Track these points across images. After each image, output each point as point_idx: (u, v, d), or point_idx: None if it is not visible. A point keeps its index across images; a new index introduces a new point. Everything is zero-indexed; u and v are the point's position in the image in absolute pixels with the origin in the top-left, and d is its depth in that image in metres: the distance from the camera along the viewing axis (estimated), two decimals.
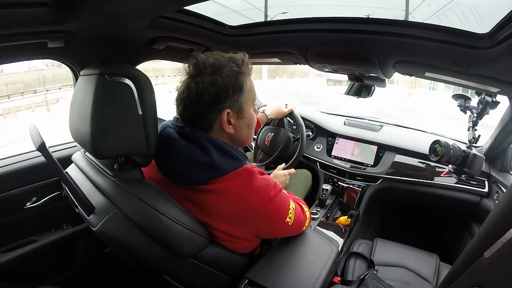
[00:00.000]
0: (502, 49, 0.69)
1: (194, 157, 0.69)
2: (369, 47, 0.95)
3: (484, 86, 0.95)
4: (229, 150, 0.72)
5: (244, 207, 0.71)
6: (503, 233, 0.43)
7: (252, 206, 0.71)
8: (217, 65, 0.70)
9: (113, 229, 0.66)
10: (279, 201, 0.76)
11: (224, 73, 0.70)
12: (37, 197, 1.14)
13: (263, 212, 0.72)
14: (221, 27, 1.09)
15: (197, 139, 0.71)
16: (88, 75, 0.65)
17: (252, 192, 0.71)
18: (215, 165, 0.69)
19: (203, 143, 0.70)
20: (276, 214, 0.76)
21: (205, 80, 0.69)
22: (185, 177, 0.71)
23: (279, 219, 0.78)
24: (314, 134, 1.80)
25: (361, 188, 1.59)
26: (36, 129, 0.67)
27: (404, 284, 1.09)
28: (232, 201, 0.70)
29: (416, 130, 1.75)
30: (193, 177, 0.70)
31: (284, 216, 0.78)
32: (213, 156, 0.69)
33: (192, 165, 0.69)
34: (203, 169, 0.69)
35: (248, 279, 0.79)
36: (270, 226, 0.77)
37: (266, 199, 0.72)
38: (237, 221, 0.72)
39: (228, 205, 0.70)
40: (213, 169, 0.69)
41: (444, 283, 0.62)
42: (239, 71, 0.72)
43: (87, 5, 0.68)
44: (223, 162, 0.70)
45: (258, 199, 0.71)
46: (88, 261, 1.27)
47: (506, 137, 1.24)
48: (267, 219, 0.74)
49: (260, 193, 0.72)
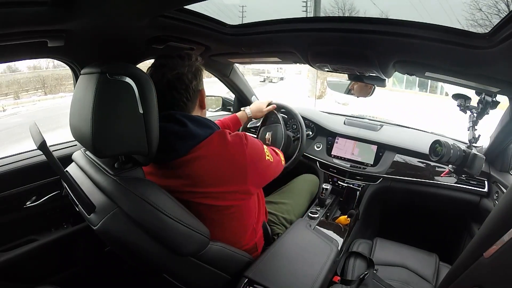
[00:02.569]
0: (502, 49, 0.69)
1: (172, 129, 0.77)
2: (369, 46, 0.95)
3: (484, 86, 0.95)
4: (202, 120, 0.82)
5: (227, 162, 0.78)
6: (503, 233, 0.43)
7: (234, 158, 0.79)
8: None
9: (113, 228, 0.66)
10: (253, 145, 0.84)
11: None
12: (37, 196, 1.14)
13: (244, 158, 0.80)
14: (221, 26, 1.09)
15: (172, 117, 0.80)
16: (89, 74, 0.65)
17: (228, 147, 0.79)
18: (192, 133, 0.78)
19: (177, 118, 0.79)
20: (256, 155, 0.84)
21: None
22: (169, 151, 0.77)
23: (261, 159, 0.86)
24: (314, 133, 1.80)
25: (361, 188, 1.59)
26: (36, 127, 0.67)
27: (404, 284, 1.09)
28: (215, 161, 0.77)
29: (416, 130, 1.75)
30: (177, 149, 0.77)
31: (263, 155, 0.88)
32: (188, 126, 0.78)
33: (174, 138, 0.77)
34: (182, 139, 0.77)
35: (248, 278, 0.79)
36: (256, 167, 0.83)
37: (243, 148, 0.80)
38: (226, 177, 0.78)
39: (213, 166, 0.77)
40: (190, 137, 0.77)
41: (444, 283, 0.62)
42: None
43: (87, 4, 0.68)
44: (198, 129, 0.79)
45: (236, 150, 0.79)
46: (88, 260, 1.27)
47: (506, 137, 1.24)
48: (251, 163, 0.81)
49: (235, 146, 0.80)
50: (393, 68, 1.06)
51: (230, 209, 0.82)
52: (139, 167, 0.74)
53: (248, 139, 0.83)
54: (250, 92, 1.93)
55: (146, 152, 0.69)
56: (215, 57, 1.44)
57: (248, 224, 0.91)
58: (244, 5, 1.41)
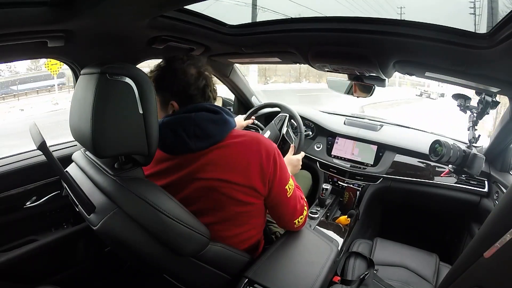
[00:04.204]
0: (502, 49, 0.69)
1: (210, 117, 0.80)
2: (369, 46, 0.95)
3: (484, 86, 0.95)
4: (226, 109, 0.85)
5: (257, 154, 0.79)
6: (503, 233, 0.43)
7: (264, 152, 0.80)
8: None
9: (113, 228, 0.66)
10: (282, 162, 0.85)
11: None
12: (37, 196, 1.14)
13: (272, 159, 0.81)
14: (221, 26, 1.09)
15: (204, 107, 0.82)
16: (89, 74, 0.65)
17: (261, 144, 0.81)
18: (226, 119, 0.81)
19: (209, 107, 0.82)
20: (281, 170, 0.84)
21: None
22: (207, 138, 0.79)
23: (282, 179, 0.84)
24: (314, 133, 1.80)
25: (361, 188, 1.59)
26: (36, 128, 0.67)
27: (404, 284, 1.09)
28: (248, 150, 0.80)
29: (416, 130, 1.75)
30: (214, 135, 0.79)
31: (285, 181, 0.86)
32: (222, 113, 0.82)
33: (211, 125, 0.79)
34: (219, 125, 0.80)
35: (248, 278, 0.79)
36: (275, 177, 0.82)
37: (275, 150, 0.82)
38: (253, 168, 0.79)
39: (245, 154, 0.79)
40: (225, 123, 0.81)
41: (444, 283, 0.62)
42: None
43: (87, 4, 0.68)
44: (229, 118, 0.83)
45: (268, 149, 0.81)
46: (88, 261, 1.27)
47: (506, 137, 1.24)
48: (274, 167, 0.82)
49: (268, 145, 0.82)
50: (393, 68, 1.06)
51: (248, 207, 0.83)
52: (139, 167, 0.74)
53: (281, 156, 0.85)
54: (250, 93, 1.94)
55: (146, 152, 0.69)
56: (215, 57, 1.44)
57: (258, 224, 0.91)
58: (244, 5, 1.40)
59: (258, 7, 1.21)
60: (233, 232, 0.84)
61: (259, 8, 1.19)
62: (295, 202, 0.91)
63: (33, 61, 12.16)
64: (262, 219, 0.93)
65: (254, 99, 1.96)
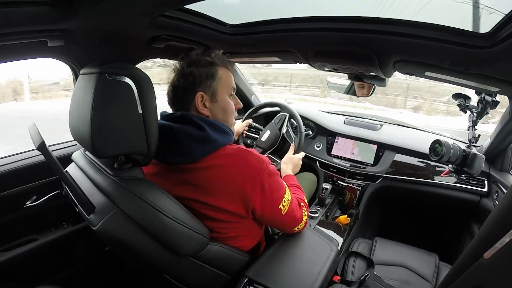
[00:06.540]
0: (502, 49, 0.69)
1: (190, 133, 0.75)
2: (369, 46, 0.95)
3: (484, 86, 0.95)
4: (218, 125, 0.79)
5: (240, 179, 0.74)
6: (503, 234, 0.43)
7: (249, 177, 0.74)
8: (195, 59, 0.83)
9: (113, 228, 0.66)
10: (274, 182, 0.79)
11: (200, 65, 0.82)
12: (37, 196, 1.14)
13: (259, 184, 0.75)
14: (221, 25, 1.08)
15: (189, 119, 0.78)
16: (88, 74, 0.65)
17: (248, 166, 0.75)
18: (210, 137, 0.75)
19: (195, 121, 0.77)
20: (271, 193, 0.78)
21: (185, 71, 0.82)
22: (184, 154, 0.74)
23: (273, 200, 0.79)
24: (314, 133, 1.80)
25: (361, 187, 1.59)
26: (35, 128, 0.67)
27: (404, 283, 1.09)
28: (230, 174, 0.74)
29: (416, 130, 1.75)
30: (191, 153, 0.74)
31: (278, 201, 0.81)
32: (207, 130, 0.75)
33: (190, 142, 0.74)
34: (199, 143, 0.74)
35: (248, 278, 0.79)
36: (264, 202, 0.77)
37: (262, 173, 0.75)
38: (234, 194, 0.74)
39: (226, 178, 0.74)
40: (208, 142, 0.75)
41: (443, 283, 0.62)
42: (212, 62, 0.83)
43: (86, 3, 0.67)
44: (216, 135, 0.76)
45: (255, 172, 0.75)
46: (88, 260, 1.27)
47: (506, 136, 1.24)
48: (261, 192, 0.76)
49: (256, 167, 0.76)
50: (393, 68, 1.06)
51: (234, 224, 0.80)
52: (138, 167, 0.74)
53: (272, 171, 0.79)
54: (250, 92, 1.93)
55: (146, 152, 0.68)
56: None
57: (253, 232, 0.89)
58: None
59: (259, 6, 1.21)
60: (231, 235, 0.83)
61: (259, 8, 1.19)
62: (292, 215, 0.87)
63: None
64: (257, 229, 0.91)
65: (254, 99, 1.95)
